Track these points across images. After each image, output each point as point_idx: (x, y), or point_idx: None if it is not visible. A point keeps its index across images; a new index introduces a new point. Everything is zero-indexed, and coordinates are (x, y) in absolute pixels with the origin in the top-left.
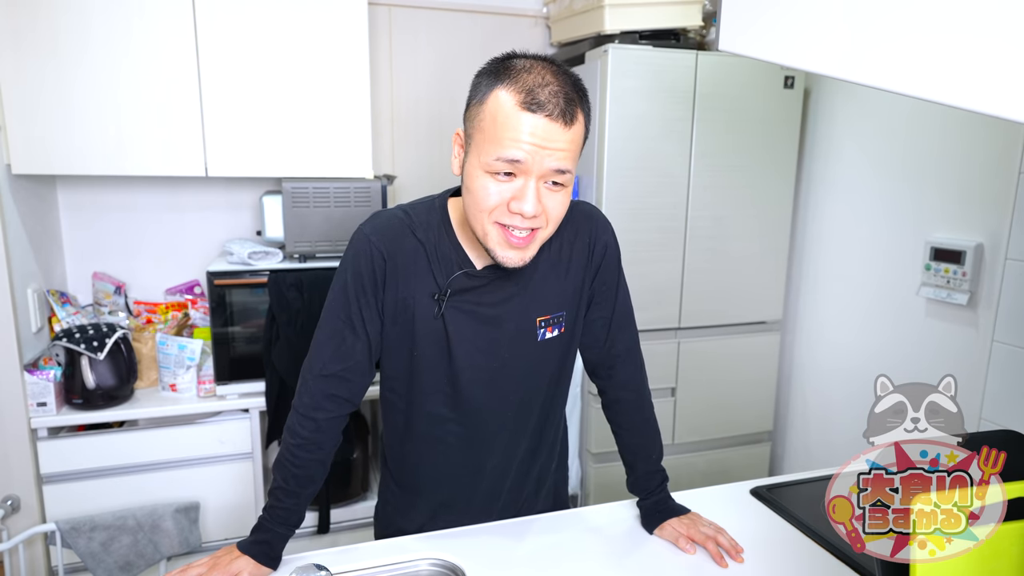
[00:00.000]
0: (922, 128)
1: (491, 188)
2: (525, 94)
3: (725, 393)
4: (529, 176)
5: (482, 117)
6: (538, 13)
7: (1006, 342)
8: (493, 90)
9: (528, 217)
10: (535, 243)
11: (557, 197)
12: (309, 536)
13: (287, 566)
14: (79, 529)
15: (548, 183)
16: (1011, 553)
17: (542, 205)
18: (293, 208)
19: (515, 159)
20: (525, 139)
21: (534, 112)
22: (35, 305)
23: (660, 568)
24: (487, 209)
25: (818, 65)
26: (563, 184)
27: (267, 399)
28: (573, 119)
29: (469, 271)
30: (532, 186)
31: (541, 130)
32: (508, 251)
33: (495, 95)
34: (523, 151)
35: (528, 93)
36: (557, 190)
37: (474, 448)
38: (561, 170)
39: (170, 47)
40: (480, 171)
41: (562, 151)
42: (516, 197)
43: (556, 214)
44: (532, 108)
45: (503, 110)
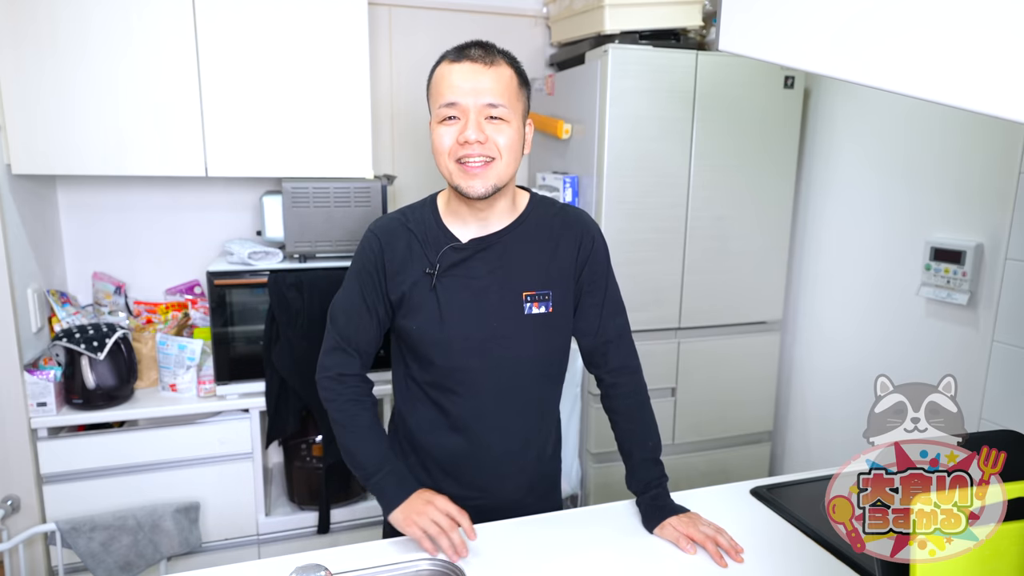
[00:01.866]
0: (922, 128)
1: (443, 133)
2: (454, 52)
3: (725, 393)
4: (468, 113)
5: (432, 88)
6: (538, 13)
7: (1006, 342)
8: (436, 67)
9: (473, 143)
10: (492, 172)
11: (501, 129)
12: (309, 536)
13: (287, 566)
14: (79, 529)
15: (488, 118)
16: (1011, 553)
17: (486, 135)
18: (293, 208)
19: (452, 102)
20: (456, 83)
21: (459, 61)
22: (35, 305)
23: (660, 568)
24: (445, 151)
25: (818, 65)
26: (501, 119)
27: (267, 399)
28: (493, 61)
29: (455, 245)
30: (472, 118)
31: (467, 73)
32: (469, 180)
33: (436, 69)
34: (455, 93)
35: (455, 52)
36: (499, 124)
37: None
38: (492, 103)
39: (170, 47)
40: (435, 124)
41: (488, 88)
42: (461, 131)
43: (504, 144)
44: (457, 59)
45: (440, 73)
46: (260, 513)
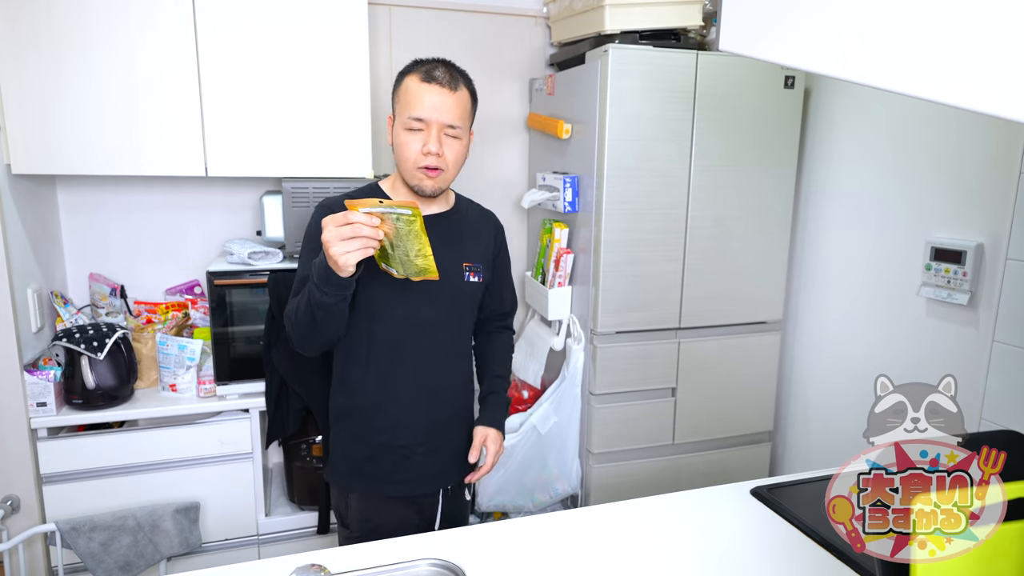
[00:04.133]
0: (922, 128)
1: (408, 140)
2: (423, 73)
3: (725, 393)
4: (431, 129)
5: (399, 95)
6: (538, 13)
7: (1006, 342)
8: (404, 77)
9: (433, 154)
10: (441, 177)
11: (453, 145)
12: (309, 536)
13: (287, 566)
14: (79, 529)
15: (446, 134)
16: (1011, 553)
17: (442, 149)
18: (293, 208)
19: (420, 117)
20: (426, 101)
21: (429, 83)
22: (35, 305)
23: (660, 568)
24: (410, 157)
25: (818, 65)
26: (456, 137)
27: (267, 399)
28: (457, 87)
29: None
30: (434, 134)
31: (435, 95)
32: (426, 181)
33: (406, 79)
34: (424, 111)
35: (425, 72)
36: (452, 141)
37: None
38: (452, 125)
39: (170, 47)
40: (401, 130)
41: (450, 112)
42: (425, 143)
43: (452, 158)
44: (428, 80)
45: (411, 85)
46: (260, 513)
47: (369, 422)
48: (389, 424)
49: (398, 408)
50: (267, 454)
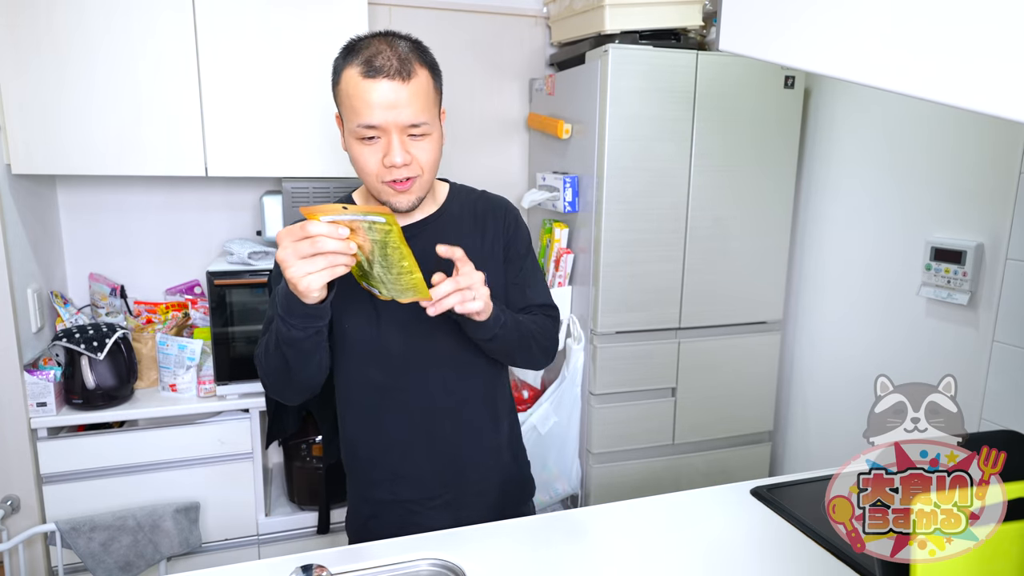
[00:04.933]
0: (922, 128)
1: (365, 152)
2: (364, 65)
3: (725, 393)
4: (389, 133)
5: (340, 95)
6: (538, 13)
7: (1006, 342)
8: (342, 71)
9: (400, 167)
10: (416, 186)
11: (422, 145)
12: (309, 536)
13: (287, 566)
14: (79, 529)
15: (409, 135)
16: (1011, 553)
17: (410, 155)
18: (293, 208)
19: (371, 124)
20: (375, 102)
21: (373, 77)
22: (35, 305)
23: (660, 568)
24: (371, 172)
25: (818, 65)
26: (424, 134)
27: (267, 399)
28: (410, 74)
29: None
30: (395, 140)
31: (384, 92)
32: (396, 197)
33: (344, 74)
34: (375, 116)
35: (366, 63)
36: (421, 139)
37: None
38: (415, 123)
39: (170, 47)
40: (353, 140)
41: (408, 106)
42: (386, 153)
43: (425, 159)
44: (371, 74)
45: (351, 83)
46: (260, 513)
47: (366, 475)
48: (386, 477)
49: (394, 459)
50: (267, 454)
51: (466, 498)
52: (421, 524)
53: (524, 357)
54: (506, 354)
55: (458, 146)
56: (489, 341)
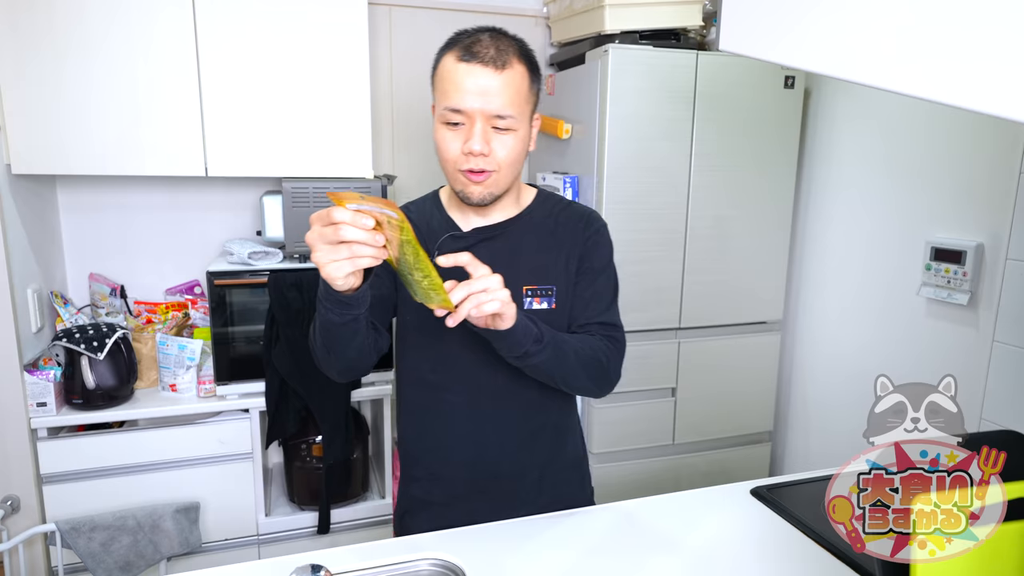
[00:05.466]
0: (922, 128)
1: (448, 137)
2: (462, 51)
3: (725, 393)
4: (474, 121)
5: (436, 81)
6: (538, 13)
7: (1007, 342)
8: (442, 56)
9: (477, 154)
10: (491, 181)
11: (505, 141)
12: (309, 536)
13: (287, 566)
14: (79, 529)
15: (495, 127)
16: (1011, 553)
17: (490, 147)
18: (293, 208)
19: (458, 108)
20: (465, 87)
21: (468, 62)
22: (35, 305)
23: (660, 567)
24: (450, 159)
25: (818, 65)
26: (508, 128)
27: (267, 399)
28: (505, 65)
29: (455, 233)
30: (478, 128)
31: (476, 77)
32: (469, 187)
33: (443, 59)
34: (462, 100)
35: (464, 49)
36: (504, 133)
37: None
38: (501, 115)
39: (170, 47)
40: (439, 124)
41: (497, 96)
42: (467, 140)
43: (504, 156)
44: (466, 59)
45: (446, 68)
46: (260, 513)
47: (408, 470)
48: (424, 475)
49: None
50: (267, 454)
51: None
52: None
53: (570, 382)
54: (547, 376)
55: None
56: (522, 359)
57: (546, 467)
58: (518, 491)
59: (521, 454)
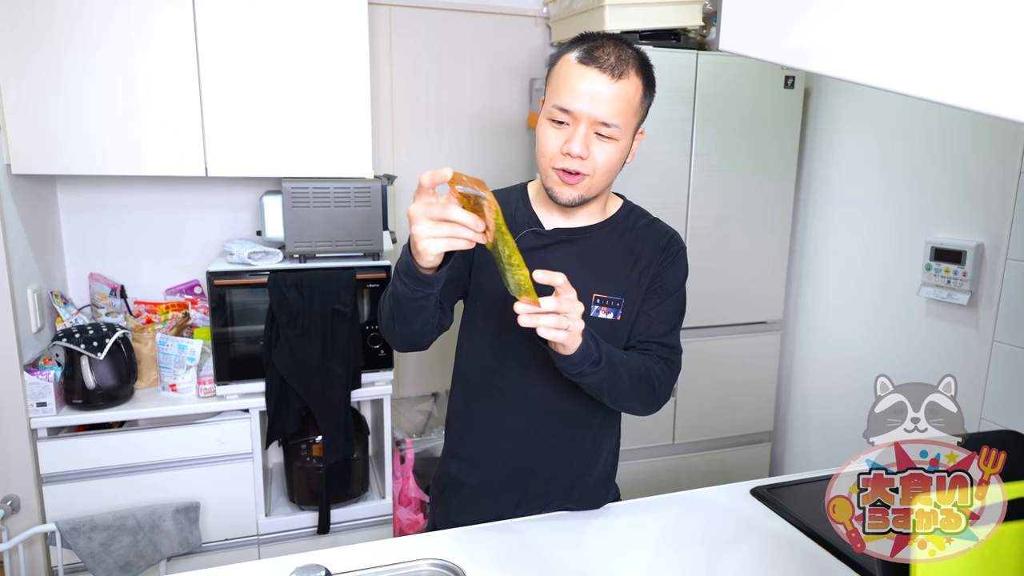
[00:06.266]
0: (922, 128)
1: (550, 133)
2: (583, 52)
3: (725, 393)
4: (579, 123)
5: (551, 76)
6: (538, 13)
7: (1007, 342)
8: (563, 54)
9: (575, 156)
10: (582, 185)
11: (605, 148)
12: (309, 536)
13: (287, 566)
14: (79, 529)
15: (598, 133)
16: (1011, 553)
17: (589, 151)
18: (293, 208)
19: (567, 108)
20: (578, 88)
21: (587, 64)
22: (35, 305)
23: (660, 567)
24: (548, 153)
25: (818, 65)
26: (610, 137)
27: (267, 399)
28: (622, 74)
29: (537, 230)
30: (581, 131)
31: (591, 81)
32: (561, 187)
33: (563, 57)
34: (573, 101)
35: (585, 52)
36: (605, 142)
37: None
38: (606, 123)
39: (170, 47)
40: (544, 119)
41: (607, 103)
42: (568, 140)
43: (602, 163)
44: (586, 61)
45: (565, 66)
46: (260, 513)
47: (451, 447)
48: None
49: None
50: (267, 454)
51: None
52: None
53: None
54: (596, 392)
55: (458, 146)
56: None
57: (578, 477)
58: (547, 493)
59: (558, 457)
